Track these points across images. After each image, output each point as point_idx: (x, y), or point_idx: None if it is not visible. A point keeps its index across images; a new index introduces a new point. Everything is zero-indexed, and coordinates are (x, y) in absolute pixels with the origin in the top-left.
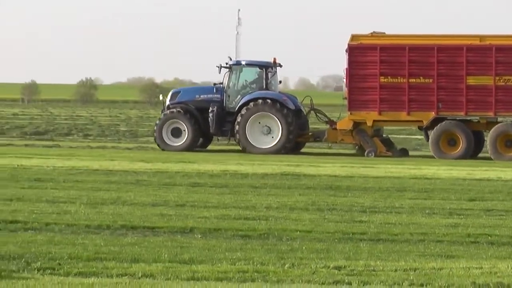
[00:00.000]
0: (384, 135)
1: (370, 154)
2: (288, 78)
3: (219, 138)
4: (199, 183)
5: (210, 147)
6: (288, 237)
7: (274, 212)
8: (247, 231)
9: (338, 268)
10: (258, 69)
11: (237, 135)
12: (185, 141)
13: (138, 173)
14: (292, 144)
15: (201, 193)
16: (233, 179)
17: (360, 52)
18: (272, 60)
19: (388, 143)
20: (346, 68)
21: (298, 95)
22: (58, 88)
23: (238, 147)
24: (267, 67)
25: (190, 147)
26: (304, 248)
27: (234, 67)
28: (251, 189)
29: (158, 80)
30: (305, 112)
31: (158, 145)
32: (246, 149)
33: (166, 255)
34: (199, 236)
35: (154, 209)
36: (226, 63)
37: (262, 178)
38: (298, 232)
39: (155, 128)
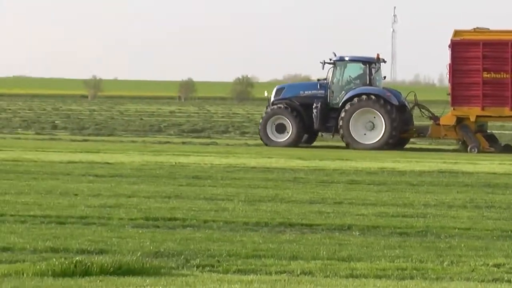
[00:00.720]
0: (488, 131)
1: (473, 150)
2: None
3: (323, 134)
4: (356, 181)
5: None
6: (447, 234)
7: (432, 210)
8: (405, 228)
9: (498, 265)
10: (361, 65)
11: (341, 131)
12: (289, 137)
13: (295, 170)
14: (396, 140)
15: (358, 190)
16: (391, 177)
17: (463, 48)
18: (375, 56)
19: (492, 139)
20: (449, 64)
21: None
22: (215, 85)
23: (342, 143)
24: (371, 63)
25: (295, 143)
26: (462, 245)
27: (338, 63)
28: (408, 186)
29: (314, 77)
30: (409, 108)
31: (262, 141)
32: (350, 144)
33: (324, 253)
34: (357, 233)
35: (311, 207)
36: (330, 59)
37: (420, 175)
38: (457, 229)
39: (260, 124)
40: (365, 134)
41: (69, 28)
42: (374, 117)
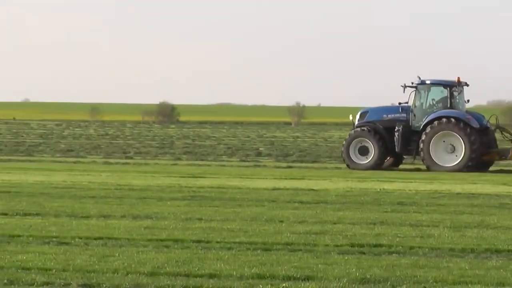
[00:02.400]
0: None
1: None
2: None
3: (404, 156)
4: None
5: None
6: None
7: None
8: None
9: None
10: (443, 88)
11: (422, 153)
12: (371, 159)
13: (501, 196)
14: (475, 163)
15: None
16: None
17: None
18: (456, 79)
19: None
20: None
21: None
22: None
23: (422, 166)
24: (452, 86)
25: (376, 166)
26: None
27: (420, 86)
28: None
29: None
30: (492, 130)
31: (345, 162)
32: (430, 167)
33: None
34: None
35: None
36: (412, 83)
37: None
38: None
39: (343, 146)
40: (444, 156)
41: (274, 56)
42: (454, 140)
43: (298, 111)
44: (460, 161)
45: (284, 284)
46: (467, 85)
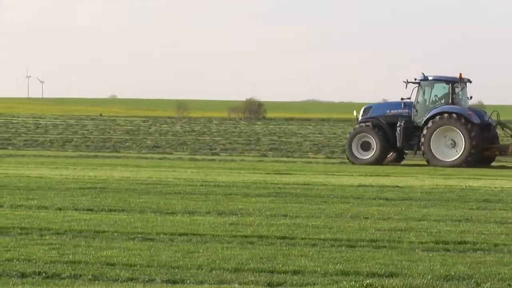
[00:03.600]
0: None
1: None
2: None
3: (406, 151)
4: None
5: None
6: None
7: None
8: None
9: None
10: (445, 84)
11: (422, 147)
12: (373, 154)
13: None
14: (476, 158)
15: None
16: None
17: None
18: (458, 76)
19: None
20: None
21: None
22: None
23: (423, 161)
24: (454, 82)
25: (378, 161)
26: None
27: (422, 82)
28: None
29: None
30: (495, 126)
31: (347, 158)
32: (430, 161)
33: None
34: None
35: None
36: (415, 79)
37: None
38: None
39: (346, 141)
40: (445, 151)
41: (356, 53)
42: (455, 135)
43: None
44: (460, 156)
45: (368, 281)
46: (470, 81)
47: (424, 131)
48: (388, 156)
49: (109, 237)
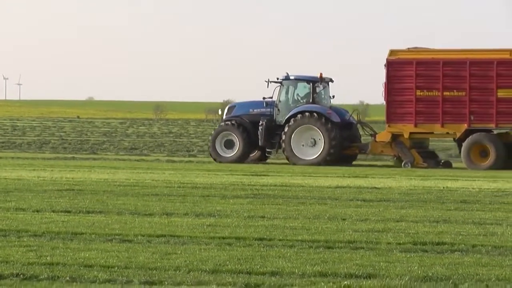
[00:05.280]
0: (430, 148)
1: (407, 165)
2: None
3: (267, 149)
4: None
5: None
6: None
7: None
8: None
9: None
10: (306, 84)
11: (283, 145)
12: (236, 152)
13: None
14: (335, 157)
15: None
16: None
17: (397, 67)
18: (318, 75)
19: (431, 155)
20: (385, 82)
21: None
22: None
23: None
24: (315, 82)
25: (241, 159)
26: None
27: (285, 82)
28: None
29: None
30: (356, 125)
31: (211, 156)
32: (290, 159)
33: None
34: None
35: None
36: (277, 78)
37: None
38: None
39: (209, 140)
40: (305, 149)
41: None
42: (315, 134)
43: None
44: (319, 155)
45: (346, 282)
46: (331, 81)
47: (285, 129)
48: (253, 154)
49: (87, 239)
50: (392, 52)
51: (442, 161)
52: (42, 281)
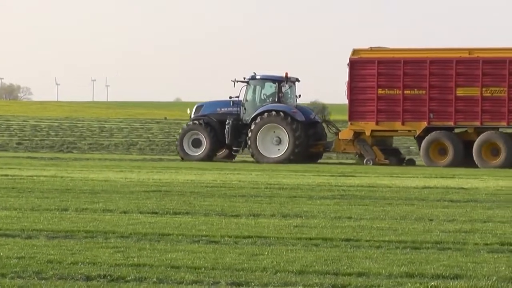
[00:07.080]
0: (394, 146)
1: (368, 162)
2: None
3: (234, 148)
4: None
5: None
6: None
7: None
8: None
9: None
10: (272, 83)
11: (249, 142)
12: (203, 151)
13: None
14: (299, 155)
15: None
16: None
17: (360, 66)
18: (284, 75)
19: (394, 153)
20: (347, 81)
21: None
22: None
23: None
24: (280, 81)
25: (208, 157)
26: None
27: (251, 81)
28: None
29: None
30: (321, 124)
31: (179, 155)
32: (255, 157)
33: None
34: None
35: None
36: (244, 78)
37: None
38: None
39: (177, 139)
40: (271, 147)
41: None
42: (281, 133)
43: None
44: (284, 153)
45: (432, 283)
46: (298, 80)
47: (252, 127)
48: (220, 153)
49: (174, 240)
50: (355, 52)
51: (406, 158)
52: (129, 282)
